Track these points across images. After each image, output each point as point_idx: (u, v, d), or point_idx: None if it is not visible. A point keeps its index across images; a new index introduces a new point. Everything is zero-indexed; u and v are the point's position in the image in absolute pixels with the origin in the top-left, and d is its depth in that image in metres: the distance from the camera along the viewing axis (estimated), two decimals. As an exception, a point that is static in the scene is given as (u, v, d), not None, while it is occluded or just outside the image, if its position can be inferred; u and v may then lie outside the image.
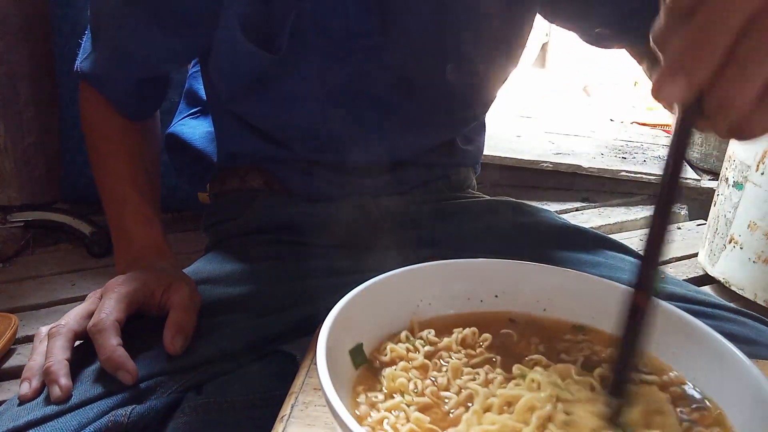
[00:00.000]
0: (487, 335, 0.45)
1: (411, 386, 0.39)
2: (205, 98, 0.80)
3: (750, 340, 0.55)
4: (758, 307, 1.22)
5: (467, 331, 0.44)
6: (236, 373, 0.53)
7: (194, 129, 0.79)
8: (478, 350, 0.43)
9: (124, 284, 0.53)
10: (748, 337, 0.55)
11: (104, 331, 0.48)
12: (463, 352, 0.43)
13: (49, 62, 1.41)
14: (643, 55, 0.68)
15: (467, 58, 0.66)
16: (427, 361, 0.41)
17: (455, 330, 0.45)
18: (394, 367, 0.40)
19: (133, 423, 0.46)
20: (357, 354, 0.41)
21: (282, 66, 0.61)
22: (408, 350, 0.42)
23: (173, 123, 0.83)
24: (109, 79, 0.68)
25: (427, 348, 0.43)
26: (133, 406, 0.47)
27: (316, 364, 0.34)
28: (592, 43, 0.72)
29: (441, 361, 0.42)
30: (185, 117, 0.83)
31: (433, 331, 0.44)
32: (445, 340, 0.44)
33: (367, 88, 0.65)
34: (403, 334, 0.44)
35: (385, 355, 0.42)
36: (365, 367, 0.41)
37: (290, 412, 0.39)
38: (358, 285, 0.43)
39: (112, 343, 0.48)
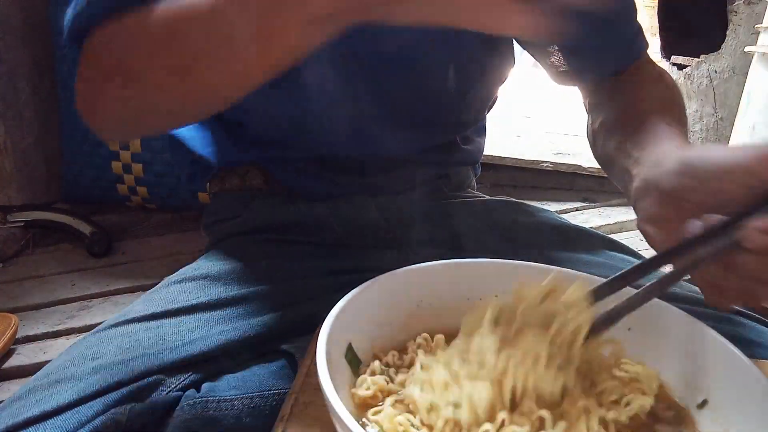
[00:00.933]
0: (439, 336, 0.45)
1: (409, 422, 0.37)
2: None
3: (750, 342, 0.55)
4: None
5: (419, 339, 0.44)
6: (235, 371, 0.53)
7: (193, 132, 0.77)
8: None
9: None
10: (748, 337, 0.55)
11: None
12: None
13: (49, 62, 1.41)
14: (591, 97, 0.70)
15: (470, 58, 0.66)
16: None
17: (409, 344, 0.44)
18: (383, 405, 0.38)
19: (132, 421, 0.46)
20: (352, 360, 0.41)
21: None
22: (386, 381, 0.40)
23: None
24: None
25: (400, 376, 0.41)
26: (133, 404, 0.47)
27: (316, 364, 0.34)
28: (554, 78, 0.72)
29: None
30: None
31: (396, 354, 0.43)
32: (406, 358, 0.43)
33: (369, 83, 0.65)
34: (377, 365, 0.42)
35: (368, 389, 0.39)
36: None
37: (290, 412, 0.39)
38: (358, 285, 0.43)
39: None
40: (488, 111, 0.82)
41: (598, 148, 0.66)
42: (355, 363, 0.41)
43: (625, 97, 0.65)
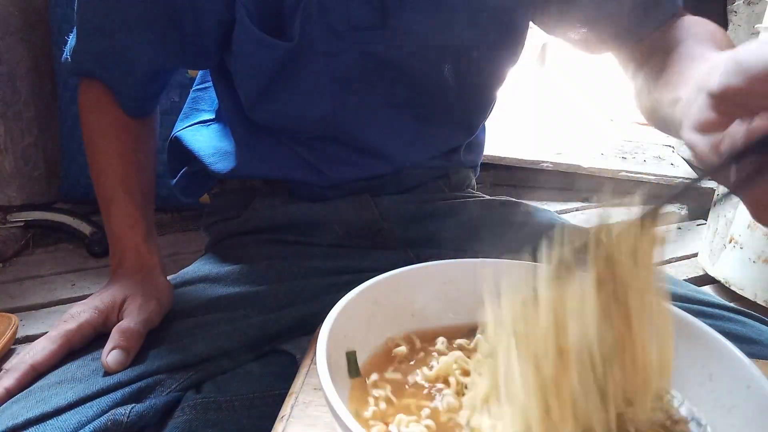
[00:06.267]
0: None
1: None
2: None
3: (750, 340, 0.55)
4: (758, 307, 1.22)
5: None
6: (236, 372, 0.53)
7: (204, 140, 0.75)
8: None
9: (76, 317, 0.54)
10: (748, 337, 0.55)
11: (13, 371, 0.51)
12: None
13: (49, 62, 1.41)
14: (629, 60, 0.68)
15: (468, 56, 0.66)
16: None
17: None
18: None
19: (132, 422, 0.46)
20: (351, 365, 0.41)
21: (293, 60, 0.61)
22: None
23: (180, 126, 0.79)
24: (114, 75, 0.66)
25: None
26: (133, 404, 0.47)
27: (316, 364, 0.34)
28: (584, 49, 0.72)
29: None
30: (196, 124, 0.78)
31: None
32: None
33: (371, 82, 0.65)
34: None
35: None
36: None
37: (290, 412, 0.39)
38: (358, 285, 0.43)
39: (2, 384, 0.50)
40: (491, 111, 0.82)
41: (643, 100, 0.62)
42: (353, 364, 0.41)
43: (667, 43, 0.61)
